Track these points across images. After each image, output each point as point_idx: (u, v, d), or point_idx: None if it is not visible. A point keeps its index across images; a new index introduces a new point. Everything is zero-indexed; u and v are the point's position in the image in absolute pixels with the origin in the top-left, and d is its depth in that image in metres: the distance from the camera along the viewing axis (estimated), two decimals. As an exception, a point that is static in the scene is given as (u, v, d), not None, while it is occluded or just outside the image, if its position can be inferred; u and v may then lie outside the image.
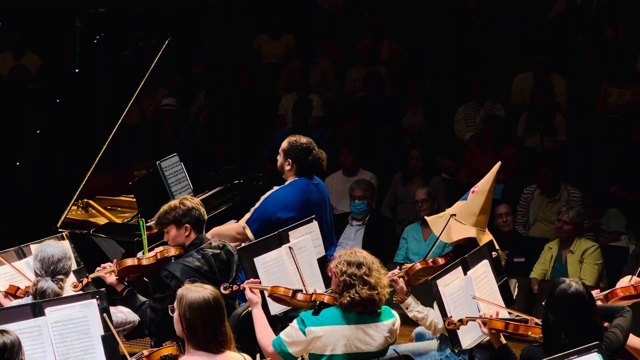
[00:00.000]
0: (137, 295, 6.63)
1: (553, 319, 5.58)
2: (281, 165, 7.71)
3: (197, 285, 5.46)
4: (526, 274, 9.60)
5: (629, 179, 10.67)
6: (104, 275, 6.62)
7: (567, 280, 5.65)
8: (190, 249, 6.72)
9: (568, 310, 5.55)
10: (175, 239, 6.75)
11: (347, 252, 6.07)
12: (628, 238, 10.11)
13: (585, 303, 5.59)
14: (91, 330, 5.74)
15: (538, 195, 10.43)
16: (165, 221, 6.75)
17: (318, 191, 7.74)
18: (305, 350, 6.01)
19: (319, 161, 7.69)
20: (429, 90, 12.24)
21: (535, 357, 5.47)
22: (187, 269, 6.57)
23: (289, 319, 6.63)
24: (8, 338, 5.00)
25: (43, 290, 5.98)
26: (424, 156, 10.82)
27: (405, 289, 6.68)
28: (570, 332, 5.50)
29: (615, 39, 12.60)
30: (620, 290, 6.34)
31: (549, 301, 5.64)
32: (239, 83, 12.79)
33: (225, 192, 8.98)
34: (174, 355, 5.59)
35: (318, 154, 7.69)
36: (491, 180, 6.92)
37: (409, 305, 6.69)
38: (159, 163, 8.39)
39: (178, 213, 6.70)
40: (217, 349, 5.33)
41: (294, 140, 7.67)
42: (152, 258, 6.70)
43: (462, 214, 6.90)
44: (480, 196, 6.90)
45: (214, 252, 6.75)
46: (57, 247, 6.16)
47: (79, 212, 8.75)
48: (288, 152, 7.65)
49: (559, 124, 11.42)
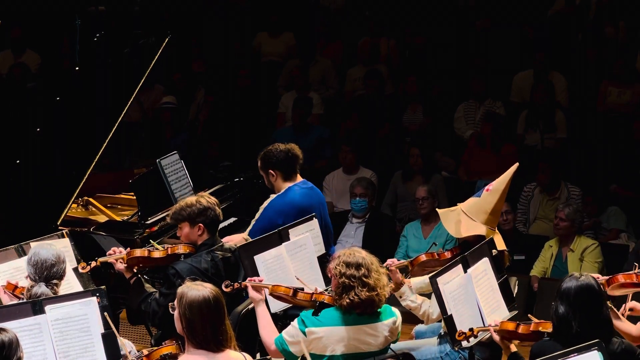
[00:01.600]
0: (144, 285, 6.63)
1: (563, 310, 5.59)
2: (268, 181, 7.65)
3: (197, 284, 5.45)
4: (526, 272, 9.60)
5: (629, 177, 10.68)
6: (113, 261, 6.62)
7: (576, 274, 5.69)
8: (201, 249, 6.69)
9: (578, 300, 5.57)
10: (188, 236, 6.72)
11: (346, 252, 6.04)
12: (628, 236, 10.12)
13: (596, 294, 5.62)
14: (91, 328, 5.74)
15: (538, 193, 10.43)
16: (180, 217, 6.70)
17: (315, 194, 7.72)
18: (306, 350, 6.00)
19: (292, 151, 7.59)
20: (429, 89, 12.24)
21: (545, 351, 5.46)
22: (194, 270, 6.54)
23: (289, 317, 6.64)
24: (6, 336, 4.98)
25: (37, 296, 5.94)
26: (424, 154, 10.82)
27: (400, 279, 6.66)
28: (581, 321, 5.52)
29: (615, 38, 12.60)
30: (621, 276, 6.33)
31: (558, 294, 5.66)
32: (239, 81, 12.79)
33: (226, 190, 8.98)
34: (174, 354, 5.59)
35: (288, 147, 7.61)
36: (507, 180, 6.90)
37: (402, 293, 6.66)
38: (159, 161, 8.39)
39: (193, 211, 6.66)
40: (217, 348, 5.32)
41: (263, 152, 7.63)
42: (162, 252, 6.70)
43: (473, 210, 6.88)
44: (494, 195, 6.88)
45: (224, 255, 6.72)
46: (50, 251, 6.11)
47: (79, 210, 8.75)
48: (265, 164, 7.59)
49: (559, 122, 11.42)
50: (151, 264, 6.78)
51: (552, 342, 5.61)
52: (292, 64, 12.96)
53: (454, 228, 6.87)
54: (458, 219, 6.87)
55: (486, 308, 6.33)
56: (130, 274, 6.65)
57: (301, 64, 12.84)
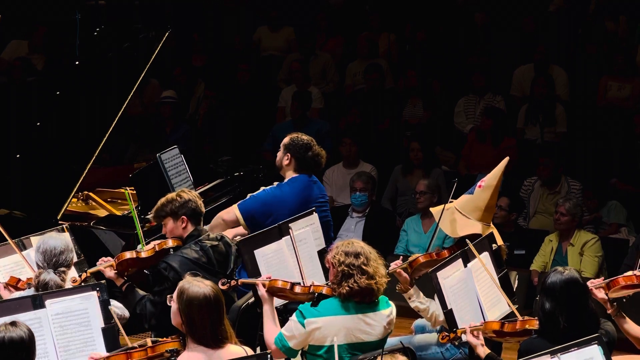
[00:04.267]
0: (136, 289, 6.63)
1: (550, 305, 5.61)
2: (280, 160, 7.65)
3: (198, 280, 5.48)
4: (526, 267, 9.60)
5: (629, 171, 10.68)
6: (103, 270, 6.62)
7: (559, 268, 5.73)
8: (188, 240, 6.73)
9: (564, 295, 5.60)
10: (173, 231, 6.77)
11: (344, 242, 6.08)
12: (628, 230, 10.12)
13: (580, 288, 5.67)
14: (91, 322, 5.76)
15: (538, 187, 10.43)
16: (162, 214, 6.77)
17: (317, 188, 7.72)
18: (305, 342, 6.01)
19: (318, 157, 7.62)
20: (429, 83, 12.23)
21: (534, 348, 5.47)
22: (185, 260, 6.58)
23: (288, 311, 6.63)
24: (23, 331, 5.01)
25: (45, 282, 6.00)
26: (424, 148, 10.81)
27: (409, 280, 6.67)
28: (568, 316, 5.54)
29: (616, 32, 12.60)
30: (622, 279, 6.33)
31: (543, 289, 5.68)
32: (239, 75, 12.79)
33: (225, 184, 8.98)
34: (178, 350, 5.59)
35: (318, 150, 7.64)
36: (499, 175, 6.87)
37: (411, 295, 6.66)
38: (159, 155, 8.39)
39: (175, 205, 6.72)
40: (217, 344, 5.35)
41: (296, 136, 7.64)
42: (150, 251, 6.70)
43: (467, 207, 6.86)
44: (487, 191, 6.86)
45: (212, 243, 6.75)
46: (59, 239, 6.18)
47: (79, 205, 8.75)
48: (288, 146, 7.60)
49: (559, 116, 11.42)
50: (142, 264, 6.77)
51: (539, 339, 5.63)
52: (292, 58, 12.96)
53: (449, 227, 6.86)
54: (453, 217, 6.86)
55: (486, 302, 6.33)
56: (121, 281, 6.64)
57: (301, 58, 12.84)
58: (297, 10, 13.84)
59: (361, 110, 11.90)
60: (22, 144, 8.57)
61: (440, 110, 12.06)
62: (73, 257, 6.25)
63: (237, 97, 12.60)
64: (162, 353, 5.48)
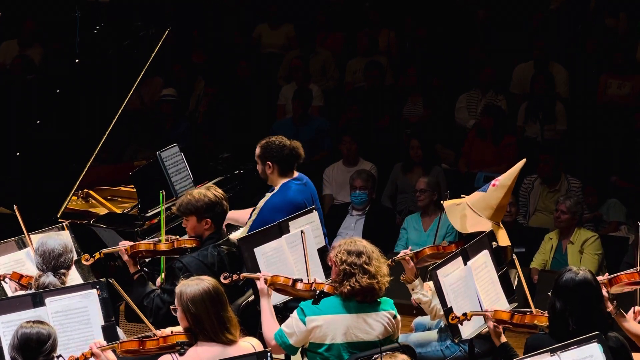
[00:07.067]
0: (148, 281, 6.65)
1: (560, 305, 5.59)
2: (263, 171, 7.57)
3: (192, 279, 5.53)
4: (526, 264, 9.60)
5: (629, 169, 10.67)
6: (121, 251, 6.63)
7: (574, 268, 5.69)
8: (207, 242, 6.71)
9: (576, 297, 5.57)
10: (195, 229, 6.74)
11: (347, 241, 6.09)
12: (628, 228, 10.12)
13: (593, 290, 5.63)
14: (91, 320, 5.76)
15: (538, 185, 10.43)
16: (187, 211, 6.71)
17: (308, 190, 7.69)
18: (306, 339, 6.02)
19: (295, 149, 7.54)
20: (429, 80, 12.23)
21: (540, 345, 5.45)
22: (202, 265, 6.54)
23: (289, 309, 6.64)
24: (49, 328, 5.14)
25: (45, 285, 5.98)
26: (424, 146, 10.81)
27: (415, 270, 6.66)
28: (578, 318, 5.52)
29: (616, 29, 12.60)
30: (624, 276, 6.33)
31: (556, 288, 5.65)
32: (239, 72, 12.78)
33: (226, 182, 8.98)
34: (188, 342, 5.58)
35: (292, 144, 7.57)
36: (514, 176, 6.88)
37: (415, 286, 6.64)
38: (159, 153, 8.39)
39: (202, 206, 6.67)
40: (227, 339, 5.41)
41: (264, 142, 7.56)
42: (168, 244, 6.72)
43: (479, 205, 6.85)
44: (500, 190, 6.85)
45: (229, 249, 6.73)
46: (57, 241, 6.15)
47: (79, 203, 8.75)
48: (264, 154, 7.52)
49: (559, 114, 11.42)
50: (155, 254, 6.80)
51: (547, 337, 5.61)
52: (292, 55, 12.95)
53: (459, 223, 6.85)
54: (463, 213, 6.85)
55: (486, 300, 6.34)
56: (134, 269, 6.66)
57: (301, 55, 12.83)
58: (297, 7, 13.83)
59: (361, 108, 11.90)
60: (22, 142, 8.57)
61: (441, 108, 12.05)
62: (73, 257, 6.24)
63: (237, 94, 12.60)
64: (173, 344, 5.50)
